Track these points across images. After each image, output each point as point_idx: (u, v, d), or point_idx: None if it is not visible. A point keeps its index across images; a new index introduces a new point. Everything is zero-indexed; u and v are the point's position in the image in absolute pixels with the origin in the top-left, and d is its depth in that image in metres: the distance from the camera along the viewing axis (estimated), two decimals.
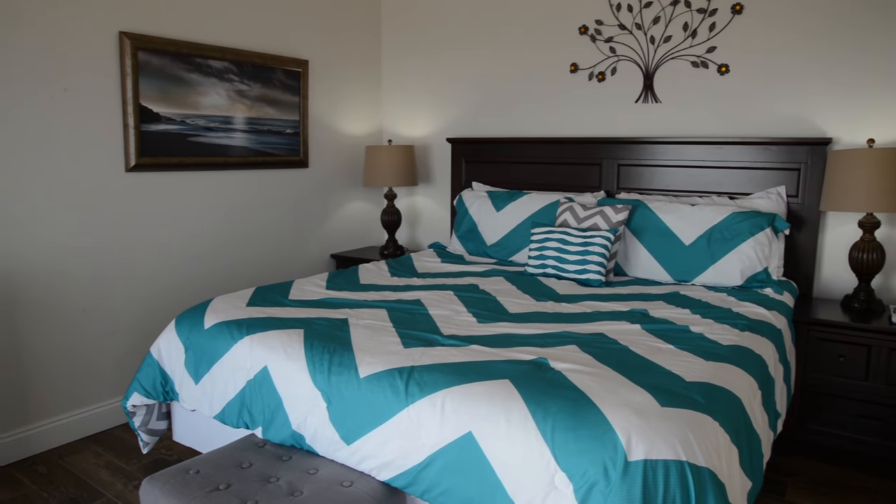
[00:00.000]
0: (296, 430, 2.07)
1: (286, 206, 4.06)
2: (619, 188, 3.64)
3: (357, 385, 1.95)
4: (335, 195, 4.39)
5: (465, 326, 2.36)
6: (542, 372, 1.88)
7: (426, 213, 4.60)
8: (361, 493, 1.84)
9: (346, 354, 2.06)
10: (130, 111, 3.17)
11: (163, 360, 2.54)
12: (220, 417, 2.33)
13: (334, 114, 4.30)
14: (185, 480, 1.90)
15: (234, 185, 3.73)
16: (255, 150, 3.80)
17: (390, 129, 4.66)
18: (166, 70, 3.30)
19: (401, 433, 1.83)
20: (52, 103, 2.90)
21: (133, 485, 2.73)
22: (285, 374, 2.11)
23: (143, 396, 2.56)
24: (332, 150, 4.33)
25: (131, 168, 3.21)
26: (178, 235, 3.48)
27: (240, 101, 3.68)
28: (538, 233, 3.30)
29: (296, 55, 3.98)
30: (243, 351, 2.26)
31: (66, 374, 3.09)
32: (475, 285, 3.00)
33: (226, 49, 3.55)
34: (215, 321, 2.45)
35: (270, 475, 1.94)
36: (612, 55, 3.65)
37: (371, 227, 4.73)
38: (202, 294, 3.63)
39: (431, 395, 1.81)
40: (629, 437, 1.55)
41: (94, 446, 3.08)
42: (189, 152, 3.45)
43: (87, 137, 3.04)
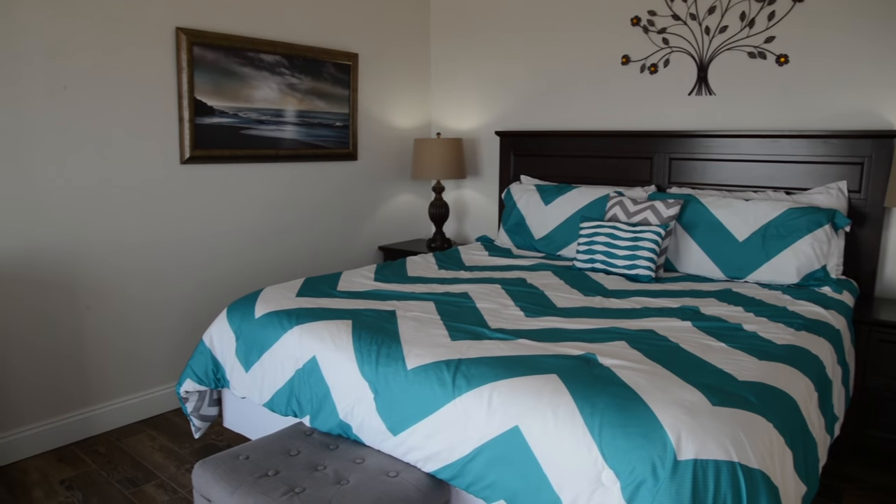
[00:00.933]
0: (343, 420, 2.09)
1: (335, 199, 4.11)
2: (670, 182, 3.57)
3: (404, 377, 1.96)
4: (383, 188, 4.42)
5: (512, 320, 2.35)
6: (590, 367, 1.86)
7: (474, 207, 4.60)
8: (407, 484, 1.85)
9: (393, 346, 2.08)
10: (185, 104, 3.25)
11: (214, 347, 2.60)
12: (269, 405, 2.38)
13: (383, 107, 4.33)
14: (235, 466, 1.94)
15: (284, 178, 3.79)
16: (306, 142, 3.85)
17: (439, 121, 4.67)
18: (220, 64, 3.37)
19: (447, 425, 1.84)
20: (112, 97, 2.99)
21: (185, 468, 2.81)
22: (333, 364, 2.14)
23: (196, 383, 2.63)
24: (381, 142, 4.35)
25: (186, 160, 3.29)
26: (230, 226, 3.56)
27: (291, 94, 3.73)
28: (587, 227, 3.26)
29: (346, 49, 4.01)
30: (292, 340, 2.30)
31: (124, 360, 3.20)
32: (523, 279, 2.99)
33: (277, 43, 3.60)
34: (265, 311, 2.50)
35: (318, 463, 1.97)
36: (665, 46, 3.57)
37: (418, 220, 4.75)
38: (253, 284, 3.71)
39: (478, 388, 1.81)
40: (679, 435, 1.53)
41: (148, 429, 3.18)
42: (241, 145, 3.52)
43: (145, 130, 3.13)
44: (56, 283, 2.91)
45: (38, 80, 2.76)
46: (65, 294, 2.95)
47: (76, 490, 2.64)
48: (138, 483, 2.69)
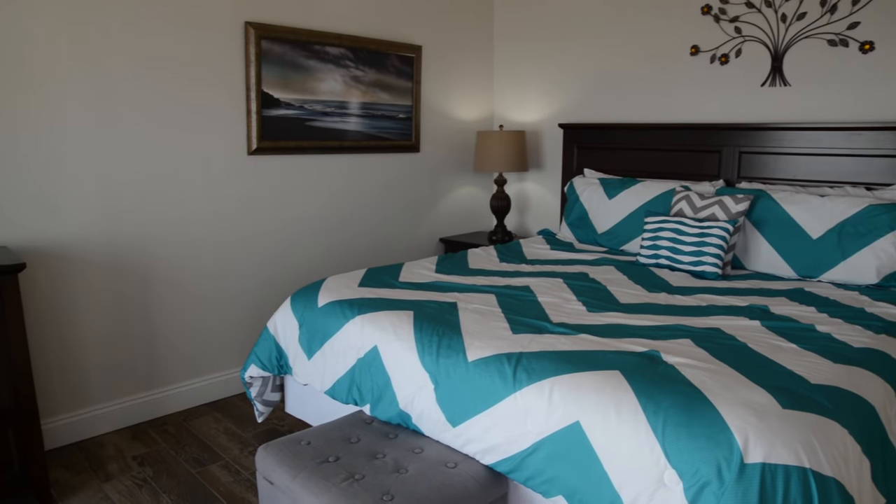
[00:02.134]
0: (403, 410, 2.11)
1: (397, 190, 4.14)
2: (739, 177, 3.45)
3: (465, 368, 1.97)
4: (445, 180, 4.43)
5: (574, 315, 2.32)
6: (654, 365, 1.83)
7: (536, 200, 4.56)
8: (465, 476, 1.86)
9: (454, 338, 2.08)
10: (253, 97, 3.32)
11: (278, 335, 2.66)
12: (330, 393, 2.42)
13: (446, 99, 4.33)
14: (297, 451, 1.99)
15: (347, 169, 3.85)
16: (369, 134, 3.89)
17: (501, 114, 4.64)
18: (286, 57, 3.43)
19: (507, 419, 1.83)
20: (184, 90, 3.09)
21: (248, 451, 2.89)
22: (394, 354, 2.16)
23: (260, 369, 2.70)
24: (444, 134, 4.36)
25: (253, 151, 3.37)
26: (295, 216, 3.63)
27: (355, 86, 3.77)
28: (652, 222, 3.19)
29: (409, 41, 4.03)
30: (354, 330, 2.33)
31: (192, 345, 3.31)
32: (585, 273, 2.95)
33: (343, 36, 3.64)
34: (328, 300, 2.54)
35: (377, 451, 2.00)
36: (738, 36, 3.45)
37: (480, 213, 4.74)
38: (316, 273, 3.78)
39: (539, 382, 1.80)
40: (746, 437, 1.48)
41: (214, 412, 3.29)
42: (306, 136, 3.59)
43: (214, 122, 3.23)
44: (130, 270, 3.04)
45: (117, 75, 2.88)
46: (138, 280, 3.07)
47: (147, 466, 2.76)
48: (204, 463, 2.79)
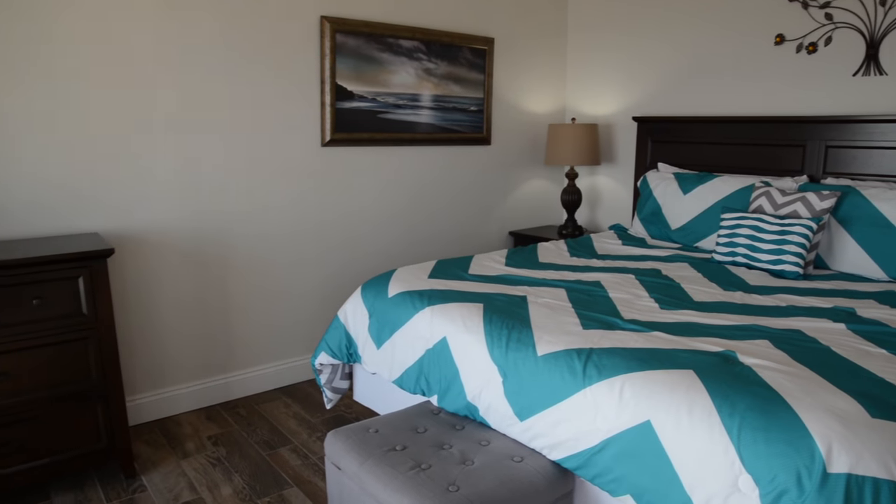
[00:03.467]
0: (470, 402, 2.12)
1: (468, 182, 4.14)
2: (825, 172, 3.30)
3: (534, 363, 1.95)
4: (516, 173, 4.41)
5: (646, 312, 2.27)
6: (729, 365, 1.77)
7: (607, 194, 4.48)
8: (532, 470, 1.85)
9: (524, 331, 2.07)
10: (327, 90, 3.38)
11: (348, 323, 2.71)
12: (398, 382, 2.45)
13: (518, 91, 4.30)
14: (365, 438, 2.02)
15: (419, 161, 3.87)
16: (441, 126, 3.91)
17: (573, 107, 4.58)
18: (360, 50, 3.48)
19: (575, 415, 1.81)
20: (262, 83, 3.17)
21: (316, 436, 2.96)
22: (463, 346, 2.17)
23: (330, 356, 2.76)
24: (515, 127, 4.34)
25: (326, 143, 3.44)
26: (366, 207, 3.68)
27: (427, 79, 3.79)
28: (729, 218, 3.09)
29: (482, 33, 4.02)
30: (424, 321, 2.35)
31: (265, 331, 3.41)
32: (657, 270, 2.88)
33: (415, 29, 3.66)
34: (398, 290, 2.57)
35: (444, 442, 2.01)
36: (828, 23, 3.29)
37: (550, 206, 4.69)
38: (386, 263, 3.83)
39: (610, 379, 1.77)
40: (830, 445, 1.42)
41: (284, 397, 3.38)
42: (378, 128, 3.63)
43: (289, 115, 3.30)
44: (209, 257, 3.16)
45: (198, 71, 2.98)
46: (216, 268, 3.19)
47: (221, 446, 2.86)
48: (274, 446, 2.87)
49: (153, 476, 2.63)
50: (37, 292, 2.31)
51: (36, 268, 2.29)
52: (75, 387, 2.43)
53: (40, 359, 2.35)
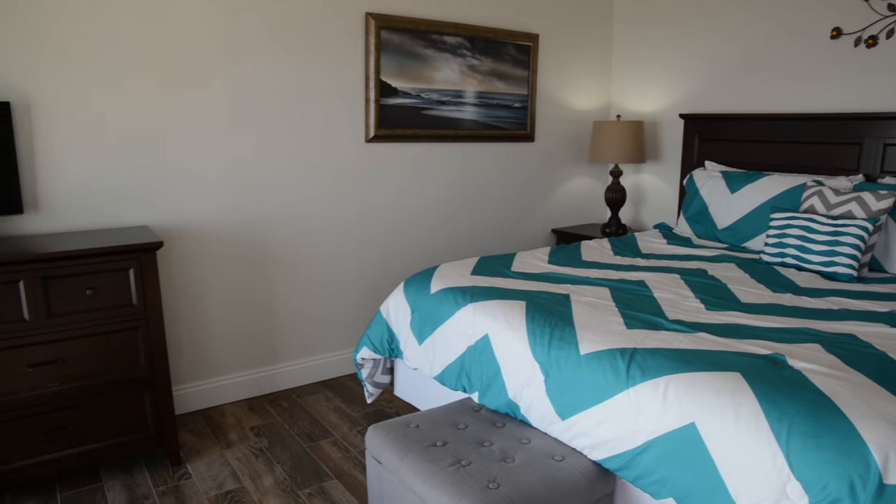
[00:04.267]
0: (511, 399, 2.11)
1: (511, 179, 4.12)
2: (882, 171, 3.18)
3: (577, 361, 1.93)
4: (559, 170, 4.37)
5: (691, 312, 2.23)
6: (778, 369, 1.72)
7: (652, 192, 4.41)
8: (572, 470, 1.83)
9: (567, 330, 2.06)
10: (372, 86, 3.40)
11: (390, 319, 2.73)
12: (439, 378, 2.45)
13: (562, 88, 4.26)
14: (406, 433, 2.03)
15: (462, 157, 3.87)
16: (484, 123, 3.90)
17: (619, 104, 4.52)
18: (404, 47, 3.49)
19: (618, 415, 1.79)
20: (308, 80, 3.21)
21: (357, 430, 2.98)
22: (505, 343, 2.16)
23: (371, 351, 2.78)
24: (559, 124, 4.30)
25: (370, 139, 3.46)
26: (409, 203, 3.70)
27: (471, 75, 3.78)
28: (779, 218, 3.01)
29: (527, 29, 3.99)
30: (466, 317, 2.34)
31: (307, 324, 3.45)
32: (703, 270, 2.83)
33: (459, 25, 3.66)
34: (441, 287, 2.57)
35: (484, 439, 2.00)
36: (891, 14, 3.16)
37: (594, 204, 4.64)
38: (429, 259, 3.84)
39: (654, 379, 1.75)
40: (886, 455, 1.37)
41: (325, 391, 3.42)
42: (422, 125, 3.64)
43: (335, 111, 3.33)
44: (254, 251, 3.21)
45: (246, 68, 3.03)
46: (261, 261, 3.24)
47: (263, 437, 2.91)
48: (315, 438, 2.91)
49: (198, 464, 2.69)
50: (90, 283, 2.38)
51: (89, 259, 2.36)
52: (125, 375, 2.50)
53: (93, 347, 2.42)
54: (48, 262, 2.29)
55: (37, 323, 2.30)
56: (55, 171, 2.66)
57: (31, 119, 2.59)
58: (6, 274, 2.23)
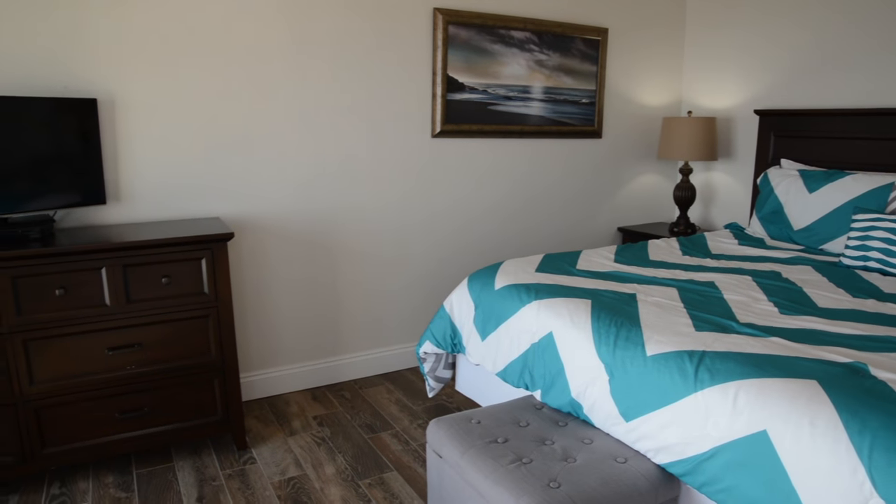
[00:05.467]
0: (574, 399, 2.08)
1: (576, 176, 4.07)
2: None
3: (643, 362, 1.89)
4: (627, 167, 4.29)
5: (764, 316, 2.15)
6: (859, 378, 1.64)
7: (723, 191, 4.27)
8: (635, 473, 1.80)
9: (633, 330, 2.01)
10: (439, 81, 3.41)
11: (454, 314, 2.73)
12: (501, 375, 2.44)
13: (631, 83, 4.18)
14: (467, 428, 2.03)
15: (528, 154, 3.84)
16: (551, 119, 3.86)
17: (690, 99, 4.39)
18: (472, 42, 3.48)
19: (684, 419, 1.74)
20: (376, 75, 3.24)
21: (417, 423, 3.00)
22: (570, 342, 2.14)
23: (434, 346, 2.79)
24: (627, 120, 4.21)
25: (436, 134, 3.47)
26: (474, 198, 3.69)
27: (539, 70, 3.74)
28: (862, 220, 2.87)
29: (595, 23, 3.92)
30: (530, 314, 2.33)
31: (371, 317, 3.50)
32: (777, 272, 2.72)
33: (527, 20, 3.62)
34: (505, 283, 2.56)
35: (546, 438, 1.99)
36: None
37: (662, 202, 4.54)
38: (492, 255, 3.83)
39: (723, 384, 1.69)
40: None
41: (386, 383, 3.46)
42: (488, 120, 3.62)
43: (401, 106, 3.36)
44: (321, 244, 3.27)
45: (316, 61, 3.08)
46: (327, 254, 3.30)
47: (325, 427, 2.96)
48: (376, 430, 2.94)
49: (262, 450, 2.76)
50: (165, 271, 2.47)
51: (165, 249, 2.45)
52: (196, 361, 2.59)
53: (167, 333, 2.52)
54: (128, 251, 2.39)
55: (117, 308, 2.41)
56: (135, 165, 2.78)
57: (114, 115, 2.70)
58: (91, 261, 2.34)
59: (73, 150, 2.52)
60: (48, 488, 2.48)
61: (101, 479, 2.53)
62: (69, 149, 2.51)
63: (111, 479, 2.53)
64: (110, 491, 2.46)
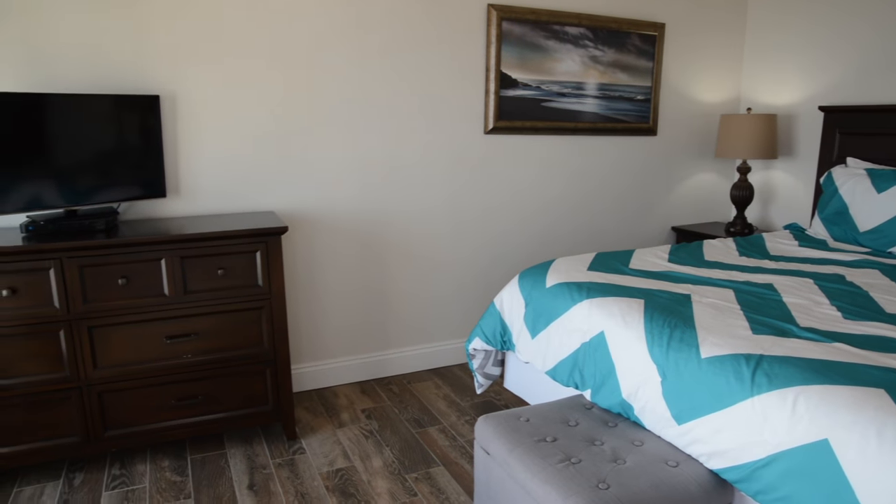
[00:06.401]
0: (625, 399, 2.05)
1: (630, 174, 4.00)
2: None
3: (697, 365, 1.85)
4: (682, 165, 4.20)
5: (826, 320, 2.08)
6: None
7: (783, 190, 4.14)
8: (687, 477, 1.76)
9: (687, 331, 1.97)
10: (492, 77, 3.40)
11: (504, 311, 2.72)
12: (551, 373, 2.42)
13: (688, 79, 4.08)
14: (516, 426, 2.01)
15: (581, 151, 3.79)
16: (604, 116, 3.80)
17: (750, 96, 4.27)
18: (525, 38, 3.45)
19: (740, 424, 1.70)
20: (428, 71, 3.25)
21: (465, 419, 3.00)
22: (621, 341, 2.10)
23: (483, 342, 2.78)
24: (683, 117, 4.12)
25: (489, 131, 3.46)
26: (525, 196, 3.67)
27: (593, 66, 3.69)
28: None
29: (652, 18, 3.84)
30: (581, 313, 2.30)
31: (420, 312, 3.51)
32: (841, 276, 2.62)
33: (582, 15, 3.58)
34: (556, 281, 2.53)
35: (595, 438, 1.96)
36: None
37: (718, 202, 4.42)
38: (543, 252, 3.80)
39: (782, 389, 1.64)
40: None
41: (435, 378, 3.47)
42: (541, 117, 3.59)
43: (454, 102, 3.36)
44: (372, 239, 3.29)
45: (369, 56, 3.11)
46: (379, 249, 3.32)
47: (373, 420, 2.99)
48: (423, 424, 2.95)
49: (311, 441, 2.80)
50: (221, 263, 2.53)
51: (221, 241, 2.51)
52: (249, 351, 2.65)
53: (222, 323, 2.58)
54: (187, 243, 2.46)
55: (175, 298, 2.48)
56: (194, 159, 2.85)
57: (175, 111, 2.78)
58: (151, 252, 2.41)
59: (135, 145, 2.60)
60: (109, 469, 2.57)
61: (158, 463, 2.61)
62: (132, 144, 2.59)
63: (167, 463, 2.61)
64: (166, 474, 2.54)
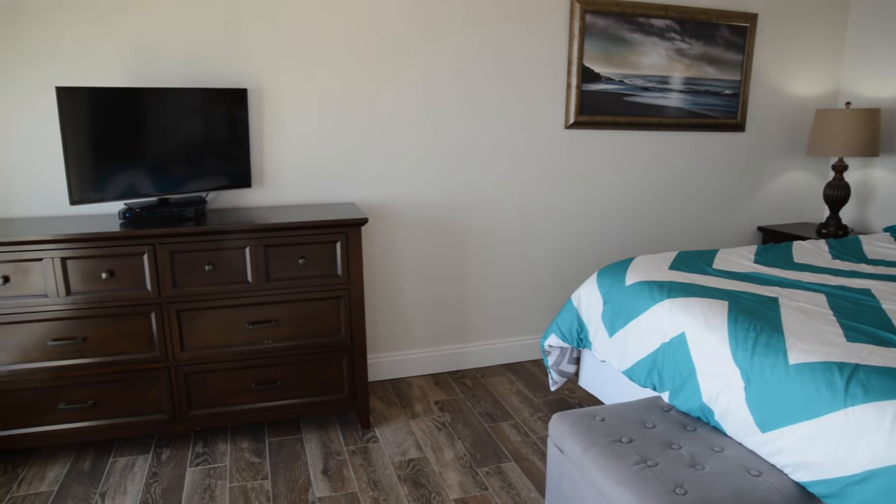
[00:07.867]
0: (705, 403, 1.99)
1: (715, 171, 3.87)
2: None
3: (784, 371, 1.77)
4: (771, 163, 4.02)
5: None
6: None
7: (883, 190, 3.90)
8: (770, 488, 1.69)
9: (774, 336, 1.89)
10: (574, 71, 3.34)
11: (581, 308, 2.68)
12: (628, 373, 2.37)
13: (781, 72, 3.90)
14: (591, 425, 1.98)
15: (663, 146, 3.69)
16: (690, 111, 3.68)
17: (849, 89, 4.04)
18: (609, 31, 3.38)
19: (831, 436, 1.61)
20: (509, 64, 3.23)
21: (538, 416, 2.98)
22: (703, 344, 2.04)
23: (559, 339, 2.75)
24: (774, 112, 3.94)
25: (570, 125, 3.41)
26: (604, 192, 3.60)
27: (679, 60, 3.58)
28: None
29: (743, 9, 3.69)
30: (662, 313, 2.24)
31: (495, 307, 3.51)
32: None
33: (668, 7, 3.47)
34: (636, 279, 2.48)
35: (673, 441, 1.91)
36: None
37: (808, 201, 4.22)
38: (622, 250, 3.72)
39: (880, 402, 1.55)
40: None
41: (508, 373, 3.45)
42: (623, 112, 3.51)
43: (535, 96, 3.32)
44: (450, 233, 3.31)
45: (448, 50, 3.11)
46: (456, 243, 3.33)
47: (446, 412, 3.01)
48: (496, 419, 2.95)
49: (385, 430, 2.84)
50: (302, 253, 2.60)
51: (304, 231, 2.57)
52: (327, 339, 2.71)
53: (301, 311, 2.65)
54: (270, 232, 2.54)
55: (258, 285, 2.56)
56: (278, 151, 2.93)
57: (262, 104, 2.87)
58: (237, 240, 2.50)
59: (224, 136, 2.70)
60: (193, 447, 2.69)
61: (238, 444, 2.71)
62: (221, 136, 2.69)
63: (246, 445, 2.71)
64: (245, 455, 2.63)
